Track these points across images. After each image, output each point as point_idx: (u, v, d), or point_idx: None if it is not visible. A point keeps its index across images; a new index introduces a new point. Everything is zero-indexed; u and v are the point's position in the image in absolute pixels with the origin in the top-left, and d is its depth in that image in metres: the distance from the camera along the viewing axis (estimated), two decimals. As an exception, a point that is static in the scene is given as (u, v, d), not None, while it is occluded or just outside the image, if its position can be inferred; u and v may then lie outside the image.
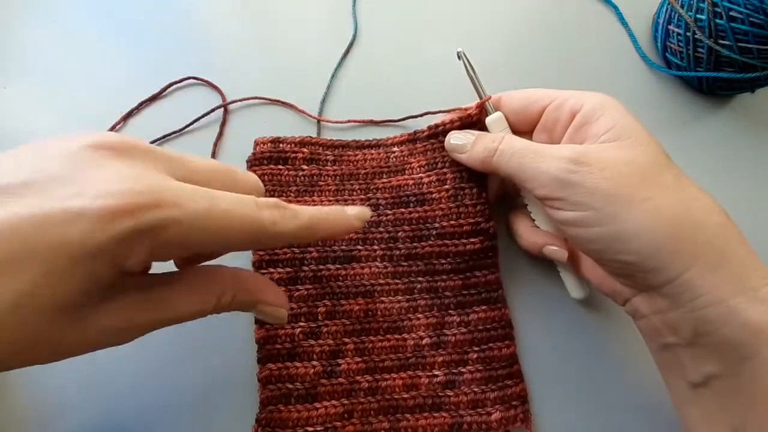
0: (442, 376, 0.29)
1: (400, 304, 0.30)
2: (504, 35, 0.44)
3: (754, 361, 0.21)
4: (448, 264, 0.31)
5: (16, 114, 0.37)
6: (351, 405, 0.28)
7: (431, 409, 0.28)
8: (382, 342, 0.30)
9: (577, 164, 0.24)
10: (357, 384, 0.28)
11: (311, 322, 0.30)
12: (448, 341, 0.30)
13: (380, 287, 0.31)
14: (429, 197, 0.32)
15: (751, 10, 0.34)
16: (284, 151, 0.33)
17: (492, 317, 0.30)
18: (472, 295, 0.31)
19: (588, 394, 0.30)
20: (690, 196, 0.23)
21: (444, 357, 0.29)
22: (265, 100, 0.38)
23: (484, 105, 0.31)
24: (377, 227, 0.32)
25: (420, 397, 0.28)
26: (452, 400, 0.28)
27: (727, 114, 0.41)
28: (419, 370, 0.29)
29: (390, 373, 0.29)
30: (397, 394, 0.28)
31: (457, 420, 0.28)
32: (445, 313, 0.30)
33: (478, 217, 0.31)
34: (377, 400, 0.28)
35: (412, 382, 0.29)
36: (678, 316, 0.23)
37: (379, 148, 0.34)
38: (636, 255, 0.23)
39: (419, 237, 0.31)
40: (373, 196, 0.33)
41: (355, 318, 0.30)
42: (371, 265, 0.31)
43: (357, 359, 0.29)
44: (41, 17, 0.42)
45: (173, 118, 0.37)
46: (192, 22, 0.42)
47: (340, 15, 0.43)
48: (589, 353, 0.31)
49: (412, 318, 0.30)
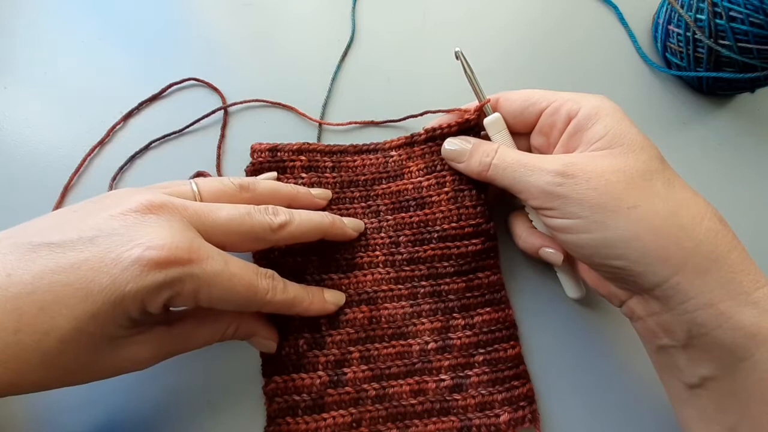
0: (448, 380, 0.29)
1: (404, 310, 0.30)
2: (504, 35, 0.44)
3: (747, 363, 0.21)
4: (450, 267, 0.31)
5: (16, 114, 0.37)
6: (359, 413, 0.28)
7: (439, 414, 0.28)
8: (388, 349, 0.29)
9: (564, 177, 0.25)
10: (364, 392, 0.28)
11: (315, 333, 0.29)
12: (453, 345, 0.30)
13: (383, 293, 0.31)
14: (429, 200, 0.32)
15: (751, 10, 0.34)
16: (282, 159, 0.33)
17: (496, 318, 0.30)
18: (476, 297, 0.31)
19: (586, 393, 0.30)
20: (680, 202, 0.24)
21: (450, 361, 0.29)
22: (266, 103, 0.38)
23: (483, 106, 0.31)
24: (378, 233, 0.32)
25: (428, 402, 0.28)
26: (460, 404, 0.28)
27: (727, 114, 0.41)
28: (426, 375, 0.29)
29: (397, 380, 0.29)
30: (404, 400, 0.28)
31: (465, 423, 0.28)
32: (450, 316, 0.30)
33: (478, 218, 0.31)
34: (385, 407, 0.28)
35: (419, 388, 0.29)
36: (671, 318, 0.23)
37: (377, 152, 0.34)
38: (624, 260, 0.24)
39: (421, 241, 0.31)
40: (374, 203, 0.33)
41: (359, 326, 0.30)
42: (374, 271, 0.31)
43: (363, 367, 0.29)
44: (41, 17, 0.42)
45: (173, 118, 0.37)
46: (192, 23, 0.42)
47: (340, 17, 0.43)
48: (587, 353, 0.31)
49: (417, 323, 0.30)
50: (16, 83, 0.38)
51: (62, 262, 0.19)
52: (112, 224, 0.21)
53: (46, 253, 0.20)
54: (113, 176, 0.34)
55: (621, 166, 0.24)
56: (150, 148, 0.36)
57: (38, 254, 0.20)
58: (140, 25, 0.42)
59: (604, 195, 0.24)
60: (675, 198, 0.24)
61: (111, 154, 0.36)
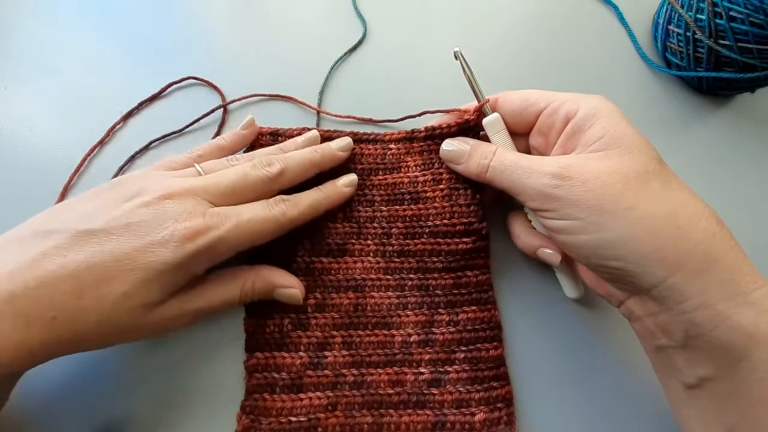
0: (427, 373, 0.29)
1: (390, 300, 0.31)
2: (504, 35, 0.44)
3: (745, 364, 0.21)
4: (440, 262, 0.31)
5: (16, 114, 0.37)
6: (335, 397, 0.28)
7: (415, 407, 0.28)
8: (370, 337, 0.30)
9: (561, 179, 0.25)
10: (342, 377, 0.29)
11: (300, 314, 0.30)
12: (435, 339, 0.30)
13: (371, 282, 0.31)
14: (424, 196, 0.32)
15: (751, 10, 0.34)
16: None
17: (481, 318, 0.30)
18: (463, 294, 0.31)
19: (586, 393, 0.30)
20: (677, 203, 0.24)
21: (431, 355, 0.29)
22: (265, 96, 0.38)
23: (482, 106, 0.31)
24: (371, 222, 0.32)
25: (405, 394, 0.28)
26: (437, 399, 0.28)
27: (727, 114, 0.41)
28: (405, 366, 0.29)
29: (376, 368, 0.29)
30: (382, 389, 0.28)
31: (440, 419, 0.28)
32: (435, 311, 0.30)
33: (471, 217, 0.31)
34: (362, 394, 0.28)
35: (397, 378, 0.29)
36: (669, 318, 0.23)
37: (376, 143, 0.34)
38: (621, 261, 0.24)
39: (412, 234, 0.32)
40: (369, 193, 0.33)
41: (344, 312, 0.30)
42: (364, 259, 0.31)
43: (344, 352, 0.29)
44: (41, 17, 0.42)
45: (173, 118, 0.37)
46: (192, 22, 0.43)
47: (340, 15, 0.43)
48: (585, 352, 0.31)
49: (402, 314, 0.30)
50: (16, 83, 0.38)
51: (108, 246, 0.23)
52: (140, 213, 0.25)
53: (93, 239, 0.24)
54: (113, 176, 0.34)
55: (618, 168, 0.24)
56: (150, 148, 0.36)
57: (87, 239, 0.23)
58: (140, 24, 0.42)
59: (600, 196, 0.24)
60: (672, 199, 0.24)
61: (111, 154, 0.36)
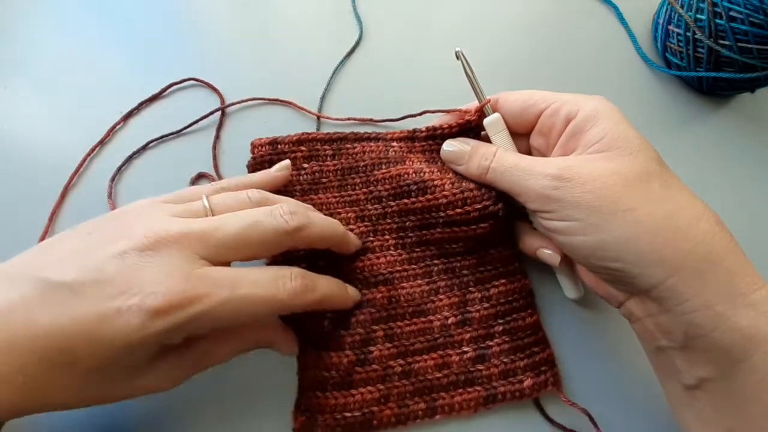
0: (471, 351, 0.29)
1: (420, 288, 0.31)
2: (504, 35, 0.44)
3: (745, 365, 0.21)
4: (460, 248, 0.32)
5: (16, 114, 0.37)
6: (387, 389, 0.28)
7: (465, 385, 0.29)
8: (410, 326, 0.30)
9: (560, 180, 0.25)
10: (390, 369, 0.29)
11: (340, 313, 0.30)
12: (472, 318, 0.30)
13: (398, 274, 0.31)
14: (431, 185, 0.31)
15: (751, 10, 0.34)
16: (283, 152, 0.33)
17: (512, 289, 0.31)
18: (489, 270, 0.31)
19: (586, 393, 0.30)
20: (677, 205, 0.24)
21: (471, 333, 0.30)
22: (264, 100, 0.38)
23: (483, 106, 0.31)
24: (384, 219, 0.32)
25: (453, 375, 0.29)
26: (484, 374, 0.29)
27: (727, 114, 0.41)
28: (449, 348, 0.30)
29: (421, 355, 0.29)
30: (430, 374, 0.29)
31: (491, 392, 0.28)
32: (466, 290, 0.31)
33: (484, 200, 0.30)
34: (411, 383, 0.29)
35: (443, 362, 0.29)
36: (668, 319, 0.23)
37: (378, 141, 0.34)
38: (620, 262, 0.24)
39: (427, 225, 0.31)
40: (375, 189, 0.33)
41: (380, 306, 0.30)
42: (386, 254, 0.31)
43: (388, 345, 0.29)
44: (41, 17, 0.42)
45: (173, 118, 0.37)
46: (193, 23, 0.42)
47: (340, 15, 0.43)
48: (585, 353, 0.31)
49: (435, 300, 0.31)
50: (16, 83, 0.38)
51: (71, 306, 0.20)
52: (113, 265, 0.21)
53: (60, 295, 0.20)
54: (111, 177, 0.34)
55: (617, 169, 0.24)
56: (148, 148, 0.36)
57: (53, 294, 0.20)
58: (140, 25, 0.42)
59: (599, 198, 0.24)
60: (672, 200, 0.24)
61: (111, 154, 0.36)
